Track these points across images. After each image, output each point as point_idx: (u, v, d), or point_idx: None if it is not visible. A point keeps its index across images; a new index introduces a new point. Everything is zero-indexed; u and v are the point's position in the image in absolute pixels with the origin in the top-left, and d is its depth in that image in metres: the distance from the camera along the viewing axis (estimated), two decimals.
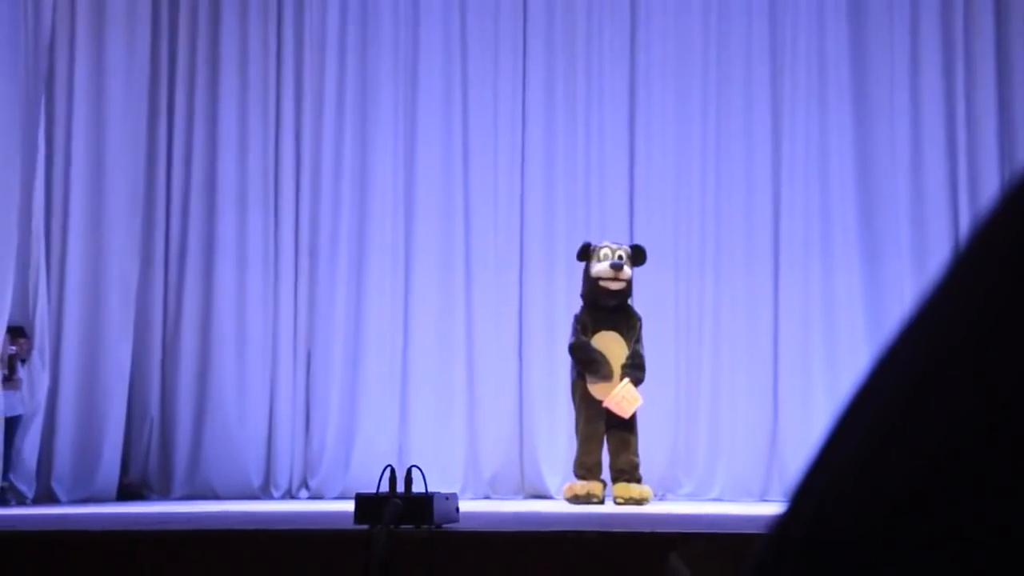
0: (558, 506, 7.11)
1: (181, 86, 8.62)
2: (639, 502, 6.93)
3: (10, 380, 7.43)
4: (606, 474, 7.16)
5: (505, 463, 8.38)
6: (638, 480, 7.07)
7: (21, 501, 7.27)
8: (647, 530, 4.17)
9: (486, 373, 8.46)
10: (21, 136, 7.62)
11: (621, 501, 6.93)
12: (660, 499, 7.71)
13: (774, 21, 8.63)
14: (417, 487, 4.17)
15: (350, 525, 4.04)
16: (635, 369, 7.08)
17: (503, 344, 8.47)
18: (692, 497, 8.07)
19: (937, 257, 8.33)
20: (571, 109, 8.66)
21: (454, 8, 8.73)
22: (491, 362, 8.45)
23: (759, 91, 8.59)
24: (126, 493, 8.11)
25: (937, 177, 8.48)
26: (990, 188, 8.40)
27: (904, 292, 8.32)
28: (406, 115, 8.69)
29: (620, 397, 6.96)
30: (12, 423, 7.42)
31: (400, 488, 4.17)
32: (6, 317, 7.30)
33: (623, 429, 7.05)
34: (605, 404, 6.99)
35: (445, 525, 4.10)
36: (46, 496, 7.60)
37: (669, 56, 8.65)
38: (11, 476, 7.36)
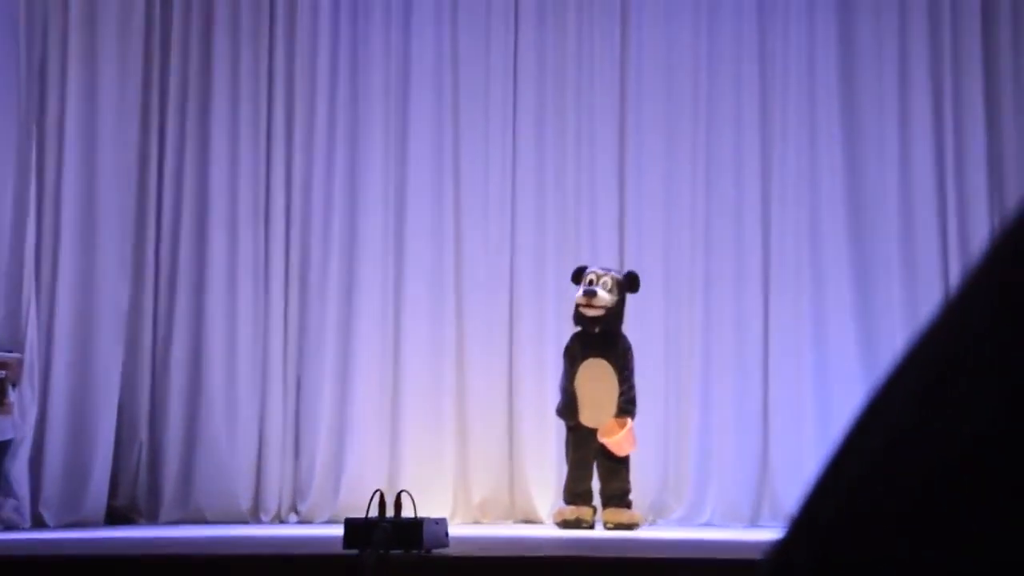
0: (548, 531, 7.11)
1: (172, 109, 8.63)
2: (629, 527, 6.93)
3: (1, 404, 7.40)
4: (596, 499, 7.16)
5: (495, 488, 8.36)
6: (628, 505, 7.06)
7: (14, 526, 7.22)
8: (638, 555, 4.17)
9: (476, 398, 8.45)
10: (12, 157, 7.62)
11: (611, 526, 6.93)
12: (650, 524, 7.71)
13: (763, 49, 8.69)
14: (407, 512, 4.17)
15: (339, 550, 4.03)
16: (628, 404, 7.10)
17: (493, 368, 8.46)
18: (683, 522, 8.06)
19: (927, 282, 8.37)
20: (561, 136, 8.69)
21: (445, 32, 8.76)
22: (481, 387, 8.44)
23: (748, 117, 8.63)
24: (114, 517, 8.08)
25: (926, 201, 8.52)
26: (978, 210, 8.46)
27: (894, 317, 8.35)
28: (396, 138, 8.70)
29: (618, 441, 6.99)
30: (2, 447, 7.39)
31: (390, 513, 4.16)
32: None
33: (613, 456, 7.06)
34: (602, 441, 7.00)
35: (435, 550, 4.10)
36: (34, 520, 7.55)
37: (659, 82, 8.68)
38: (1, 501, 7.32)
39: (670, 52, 8.71)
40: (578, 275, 7.40)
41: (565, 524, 7.01)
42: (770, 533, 7.29)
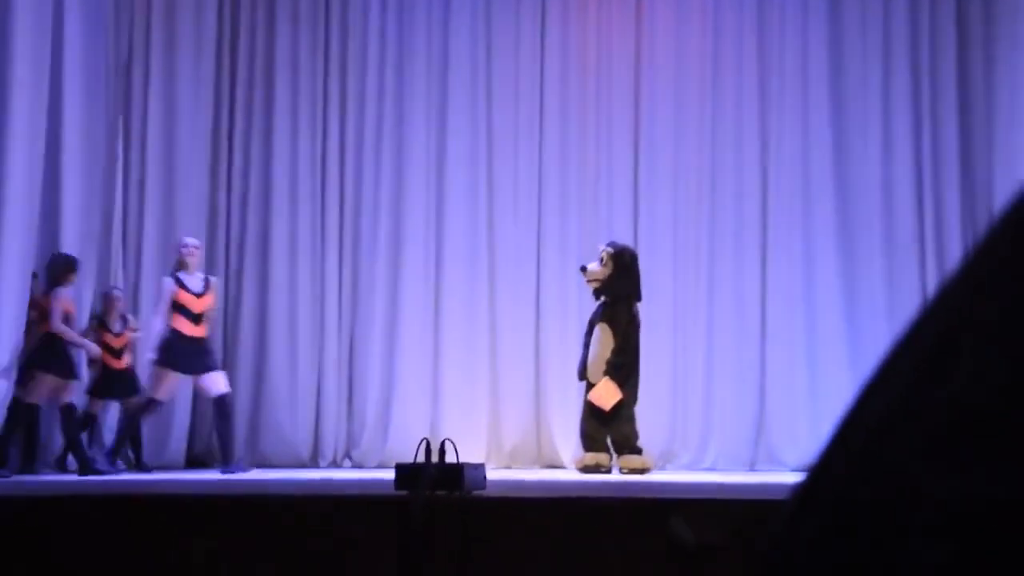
0: (571, 475, 7.17)
1: (240, 105, 8.71)
2: (642, 471, 6.99)
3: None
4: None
5: (524, 437, 8.45)
6: (639, 452, 7.12)
7: (137, 466, 7.41)
8: (649, 496, 4.23)
9: (507, 358, 8.53)
10: (103, 147, 7.71)
11: (626, 471, 6.99)
12: (661, 469, 7.77)
13: (761, 45, 8.67)
14: (449, 458, 4.23)
15: (391, 491, 4.10)
16: (614, 367, 7.09)
17: (522, 330, 8.54)
18: (689, 467, 8.12)
19: (904, 249, 8.39)
20: (583, 123, 8.71)
21: (479, 28, 8.79)
22: (511, 346, 8.53)
23: (748, 107, 8.63)
24: (193, 462, 8.21)
25: (904, 182, 8.51)
26: (951, 193, 8.46)
27: (875, 283, 8.36)
28: (437, 125, 8.76)
29: (599, 394, 7.06)
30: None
31: (434, 459, 4.22)
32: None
33: (600, 410, 7.10)
34: (588, 398, 7.09)
35: (475, 491, 4.16)
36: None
37: (669, 80, 8.68)
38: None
39: (679, 52, 8.70)
40: None
41: (585, 469, 7.08)
42: (766, 476, 7.37)
